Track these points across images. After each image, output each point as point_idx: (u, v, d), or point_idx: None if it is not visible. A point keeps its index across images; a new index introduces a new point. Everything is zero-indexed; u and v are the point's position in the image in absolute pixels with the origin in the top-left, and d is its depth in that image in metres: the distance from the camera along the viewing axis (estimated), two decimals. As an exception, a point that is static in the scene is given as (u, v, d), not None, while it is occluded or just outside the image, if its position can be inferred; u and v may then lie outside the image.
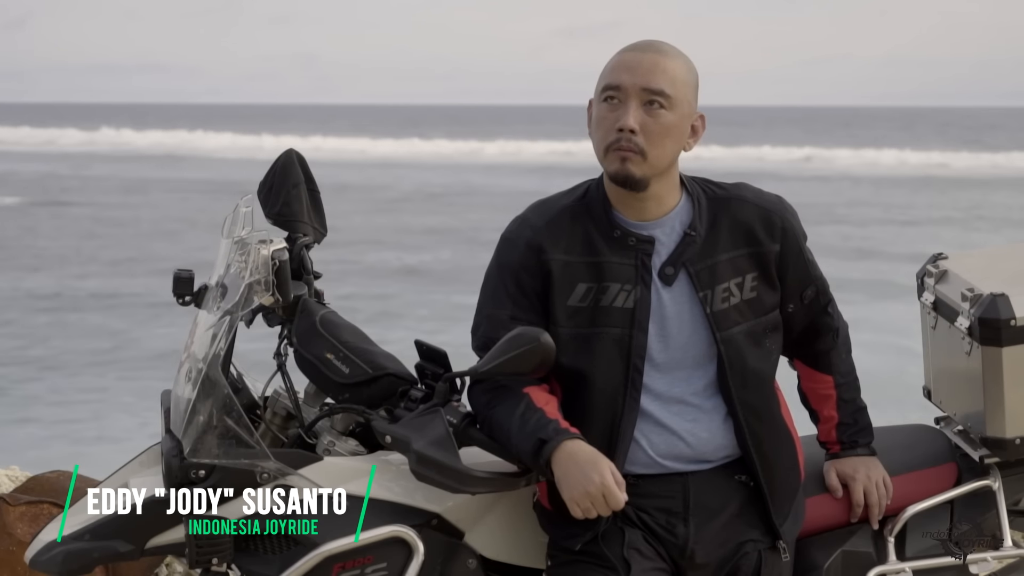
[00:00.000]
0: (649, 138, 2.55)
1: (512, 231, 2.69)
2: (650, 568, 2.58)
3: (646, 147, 2.55)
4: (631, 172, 2.56)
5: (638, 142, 2.54)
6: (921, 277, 3.13)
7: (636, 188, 2.58)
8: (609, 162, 2.58)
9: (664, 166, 2.59)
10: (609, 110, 2.57)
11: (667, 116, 2.56)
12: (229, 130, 69.28)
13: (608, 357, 2.60)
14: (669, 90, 2.55)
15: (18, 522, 3.64)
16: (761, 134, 61.78)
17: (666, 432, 2.63)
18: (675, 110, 2.57)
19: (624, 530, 2.60)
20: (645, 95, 2.55)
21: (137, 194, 32.98)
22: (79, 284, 18.21)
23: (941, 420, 3.13)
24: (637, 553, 2.58)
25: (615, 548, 2.59)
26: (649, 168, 2.57)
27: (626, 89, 2.55)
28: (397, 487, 2.64)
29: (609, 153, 2.57)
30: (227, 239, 2.76)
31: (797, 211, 2.74)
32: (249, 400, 2.84)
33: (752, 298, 2.65)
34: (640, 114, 2.55)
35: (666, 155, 2.58)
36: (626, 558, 2.57)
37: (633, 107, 2.55)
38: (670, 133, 2.57)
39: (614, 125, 2.56)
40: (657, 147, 2.56)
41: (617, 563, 2.57)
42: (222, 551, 2.56)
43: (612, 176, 2.58)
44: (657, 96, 2.55)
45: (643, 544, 2.60)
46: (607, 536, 2.60)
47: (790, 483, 2.72)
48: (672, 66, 2.58)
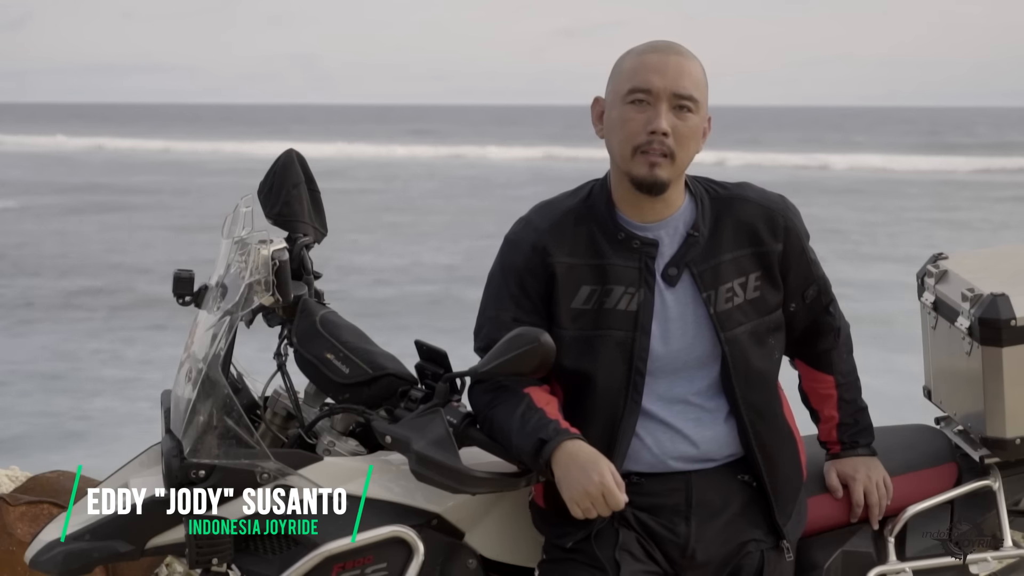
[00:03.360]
0: (679, 141, 2.56)
1: (516, 233, 2.69)
2: (640, 570, 2.58)
3: (675, 150, 2.56)
4: (659, 176, 2.56)
5: (669, 144, 2.55)
6: (921, 277, 3.13)
7: (659, 192, 2.59)
8: (636, 165, 2.57)
9: (685, 168, 2.61)
10: (637, 111, 2.57)
11: (693, 119, 2.57)
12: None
13: (610, 359, 2.60)
14: (696, 94, 2.57)
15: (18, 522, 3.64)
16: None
17: (670, 431, 2.63)
18: (699, 113, 2.59)
19: (619, 531, 2.60)
20: (675, 99, 2.56)
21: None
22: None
23: (941, 420, 3.13)
24: (628, 555, 2.58)
25: (606, 549, 2.58)
26: (675, 171, 2.58)
27: (657, 92, 2.55)
28: (397, 487, 2.64)
29: (637, 155, 2.57)
30: (227, 239, 2.76)
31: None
32: (249, 400, 2.84)
33: (755, 298, 2.65)
34: (671, 117, 2.55)
35: (689, 157, 2.60)
36: (616, 559, 2.57)
37: (664, 110, 2.55)
38: (695, 136, 2.59)
39: (645, 127, 2.55)
40: (684, 150, 2.57)
41: (607, 564, 2.57)
42: (222, 551, 2.56)
43: (638, 180, 2.58)
44: (687, 100, 2.56)
45: (635, 546, 2.60)
46: (600, 536, 2.60)
47: (793, 483, 2.72)
48: (695, 69, 2.59)
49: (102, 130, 75.36)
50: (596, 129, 2.67)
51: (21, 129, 75.45)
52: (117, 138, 64.96)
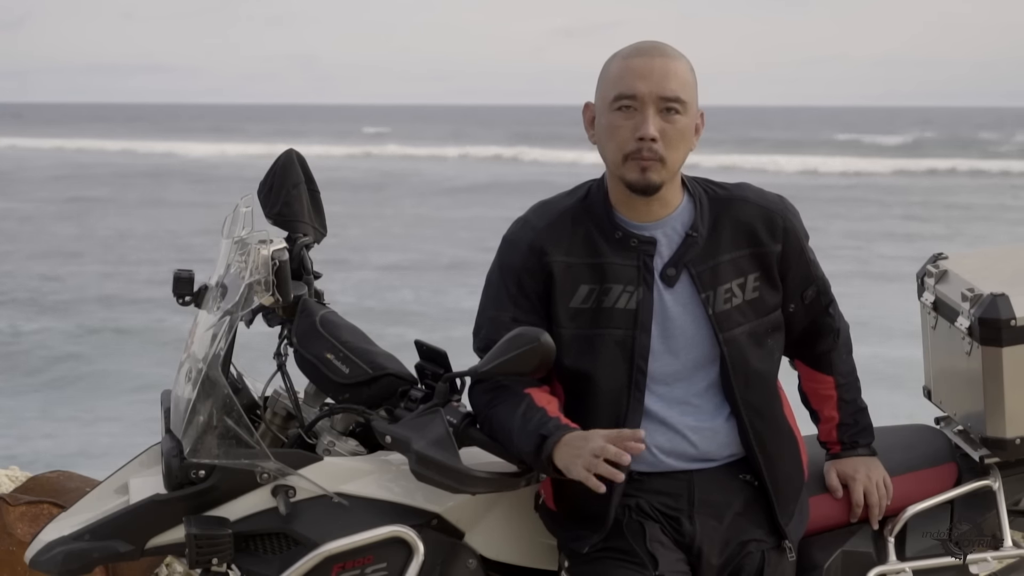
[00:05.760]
0: (668, 144, 2.56)
1: (513, 233, 2.69)
2: (675, 560, 2.57)
3: (665, 153, 2.55)
4: (652, 180, 2.56)
5: (658, 149, 2.55)
6: (921, 277, 3.13)
7: (652, 193, 2.59)
8: (628, 171, 2.57)
9: (678, 168, 2.61)
10: (625, 118, 2.57)
11: (682, 120, 2.57)
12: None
13: (611, 358, 2.60)
14: (683, 95, 2.56)
15: (18, 522, 3.63)
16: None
17: (670, 431, 2.63)
18: (687, 113, 2.58)
19: (643, 523, 2.59)
20: (662, 103, 2.55)
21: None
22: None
23: (941, 420, 3.13)
24: (660, 546, 2.57)
25: (639, 542, 2.57)
26: (667, 173, 2.58)
27: (642, 97, 2.55)
28: (397, 487, 2.64)
29: (628, 162, 2.57)
30: (227, 239, 2.76)
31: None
32: (249, 400, 2.84)
33: (754, 298, 2.65)
34: (658, 121, 2.55)
35: (681, 158, 2.59)
36: (651, 552, 2.56)
37: (651, 115, 2.55)
38: (685, 137, 2.58)
39: (633, 134, 2.55)
40: (674, 151, 2.57)
41: (644, 558, 2.55)
42: (222, 551, 2.56)
43: (631, 185, 2.58)
44: (673, 103, 2.55)
45: (663, 537, 2.59)
46: (628, 530, 2.58)
47: (794, 483, 2.72)
48: (681, 69, 2.58)
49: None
50: (588, 135, 2.67)
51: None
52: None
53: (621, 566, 2.57)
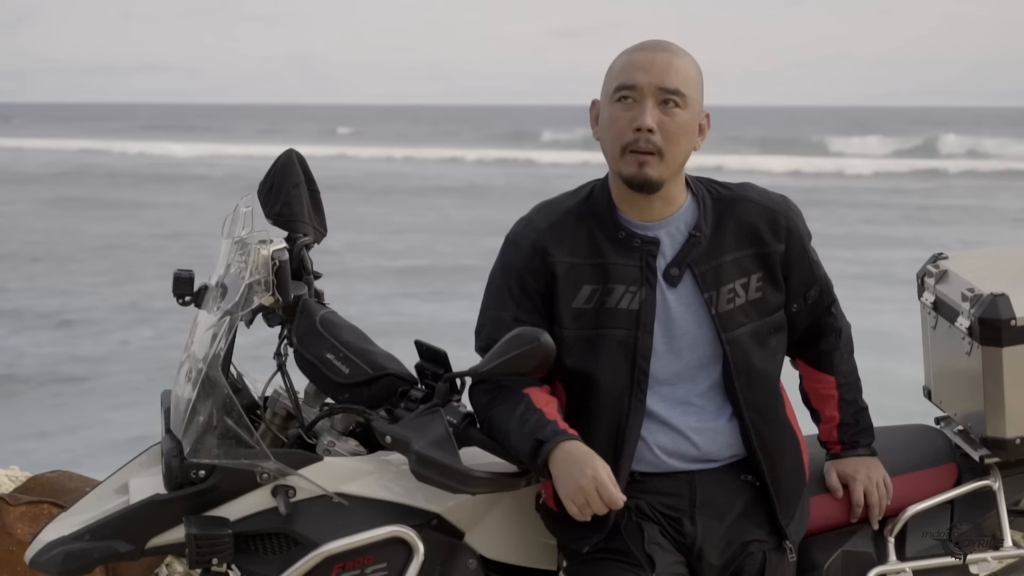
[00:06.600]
0: (666, 137, 2.55)
1: (516, 233, 2.68)
2: (672, 562, 2.57)
3: (663, 146, 2.55)
4: (649, 175, 2.56)
5: (656, 141, 2.54)
6: (921, 277, 3.13)
7: (651, 190, 2.58)
8: (625, 164, 2.57)
9: (678, 165, 2.60)
10: (624, 110, 2.56)
11: (682, 115, 2.56)
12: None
13: (613, 359, 2.60)
14: (683, 89, 2.55)
15: (18, 522, 3.63)
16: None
17: (672, 431, 2.63)
18: (688, 109, 2.57)
19: (641, 525, 2.59)
20: (661, 94, 2.55)
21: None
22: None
23: (941, 420, 3.13)
24: (658, 548, 2.57)
25: (637, 543, 2.57)
26: (665, 168, 2.56)
27: (641, 88, 2.55)
28: (397, 487, 2.64)
29: (626, 155, 2.56)
30: (227, 239, 2.76)
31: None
32: (249, 400, 2.84)
33: (757, 299, 2.65)
34: (657, 113, 2.54)
35: (681, 154, 2.58)
36: (649, 553, 2.56)
37: (649, 106, 2.54)
38: (685, 132, 2.57)
39: (631, 125, 2.55)
40: (673, 146, 2.56)
41: (641, 559, 2.56)
42: (222, 551, 2.56)
43: (628, 179, 2.58)
44: (673, 95, 2.55)
45: (661, 538, 2.59)
46: (626, 532, 2.59)
47: (796, 483, 2.72)
48: (684, 65, 2.58)
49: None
50: (593, 131, 2.66)
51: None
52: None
53: (618, 567, 2.57)
